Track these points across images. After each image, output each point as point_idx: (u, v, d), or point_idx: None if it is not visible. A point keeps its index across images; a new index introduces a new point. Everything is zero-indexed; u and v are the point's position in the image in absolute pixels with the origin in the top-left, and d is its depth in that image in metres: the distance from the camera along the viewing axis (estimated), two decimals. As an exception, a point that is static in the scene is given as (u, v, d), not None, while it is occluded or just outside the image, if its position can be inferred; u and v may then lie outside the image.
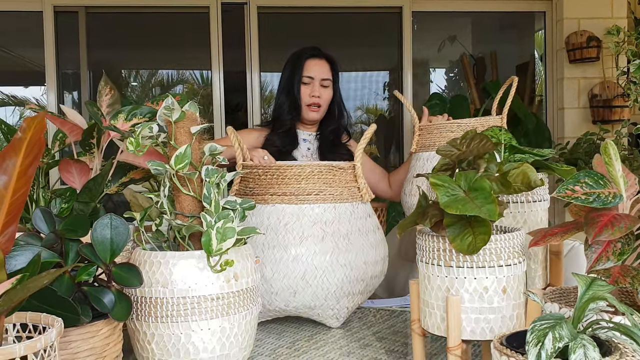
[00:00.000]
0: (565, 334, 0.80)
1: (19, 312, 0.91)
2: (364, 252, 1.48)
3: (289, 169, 1.44)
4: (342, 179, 1.50)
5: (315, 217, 1.44)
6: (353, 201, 1.50)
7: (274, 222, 1.43)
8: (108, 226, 1.02)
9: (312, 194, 1.44)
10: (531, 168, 1.11)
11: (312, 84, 2.06)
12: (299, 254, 1.41)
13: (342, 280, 1.44)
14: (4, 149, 0.90)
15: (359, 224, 1.50)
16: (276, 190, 1.44)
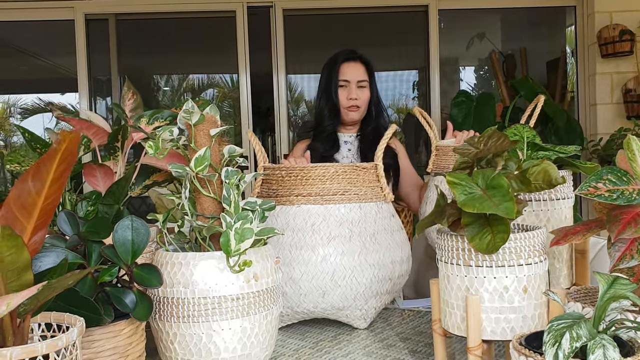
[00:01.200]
0: (583, 334, 0.79)
1: (44, 312, 0.94)
2: (390, 251, 1.47)
3: (313, 170, 1.45)
4: (366, 179, 1.50)
5: (342, 217, 1.44)
6: (377, 201, 1.50)
7: (300, 223, 1.43)
8: (129, 228, 1.04)
9: (338, 194, 1.44)
10: (552, 165, 1.09)
11: (349, 87, 2.11)
12: (327, 254, 1.41)
13: (371, 280, 1.44)
14: (38, 160, 0.93)
15: (385, 223, 1.50)
16: (301, 191, 1.44)
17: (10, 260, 0.80)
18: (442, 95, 4.25)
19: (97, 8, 3.85)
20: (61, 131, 0.94)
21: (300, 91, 5.45)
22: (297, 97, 5.44)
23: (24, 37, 4.88)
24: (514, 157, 1.17)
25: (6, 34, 4.70)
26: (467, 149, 1.08)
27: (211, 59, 5.44)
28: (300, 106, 5.56)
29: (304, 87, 5.49)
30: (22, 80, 6.22)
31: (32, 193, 0.91)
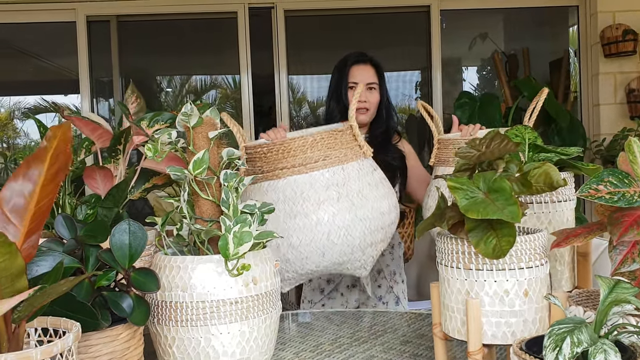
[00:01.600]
0: (584, 339, 0.78)
1: (40, 317, 0.94)
2: (377, 203, 1.51)
3: (293, 142, 1.48)
4: (344, 141, 1.53)
5: (327, 181, 1.48)
6: (358, 159, 1.54)
7: (290, 194, 1.47)
8: (126, 232, 1.04)
9: (320, 160, 1.48)
10: (553, 167, 1.08)
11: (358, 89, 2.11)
12: (320, 218, 1.45)
13: (364, 233, 1.48)
14: (28, 157, 0.92)
15: (368, 178, 1.54)
16: (285, 164, 1.48)
17: (4, 266, 0.79)
18: (445, 95, 4.23)
19: (98, 10, 3.85)
20: (52, 127, 0.92)
21: (302, 92, 5.44)
22: (300, 97, 5.43)
23: (26, 38, 4.89)
24: (515, 159, 1.16)
25: (8, 35, 4.70)
26: (469, 152, 1.07)
27: (213, 60, 5.43)
28: (302, 107, 5.56)
29: (306, 88, 5.48)
30: (25, 82, 6.23)
31: (24, 194, 0.90)
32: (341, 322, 1.66)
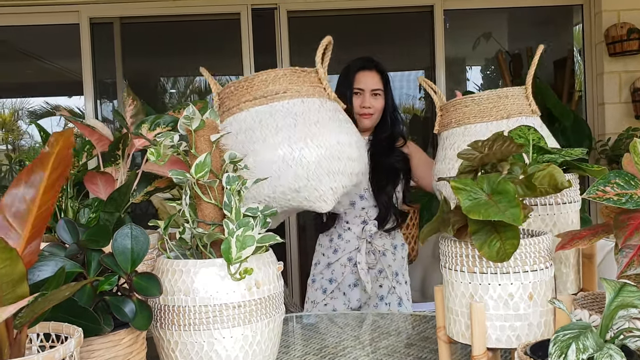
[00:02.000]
0: (590, 344, 0.77)
1: (42, 322, 0.93)
2: (335, 134, 1.52)
3: (256, 77, 1.54)
4: (307, 80, 1.56)
5: (286, 111, 1.51)
6: (320, 97, 1.56)
7: (250, 123, 1.52)
8: (128, 236, 1.03)
9: (280, 92, 1.52)
10: (558, 169, 1.07)
11: (363, 95, 2.13)
12: (276, 141, 1.47)
13: (319, 157, 1.48)
14: (31, 163, 0.92)
15: (329, 114, 1.55)
16: (248, 97, 1.54)
17: (5, 272, 0.79)
18: (449, 95, 4.22)
19: (101, 12, 3.85)
20: (54, 133, 0.92)
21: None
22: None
23: (30, 40, 4.90)
24: (519, 161, 1.15)
25: (12, 37, 4.72)
26: (471, 153, 1.06)
27: (216, 60, 5.43)
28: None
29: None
30: (29, 84, 6.25)
31: (26, 200, 0.90)
32: (345, 324, 1.66)
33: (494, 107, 1.54)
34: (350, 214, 2.13)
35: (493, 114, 1.54)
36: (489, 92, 1.57)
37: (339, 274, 2.13)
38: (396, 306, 2.11)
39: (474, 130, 1.55)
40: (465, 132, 1.56)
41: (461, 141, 1.56)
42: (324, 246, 2.19)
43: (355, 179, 1.58)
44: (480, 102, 1.56)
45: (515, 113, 1.54)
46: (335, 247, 2.15)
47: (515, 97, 1.57)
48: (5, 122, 6.77)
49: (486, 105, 1.55)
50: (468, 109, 1.57)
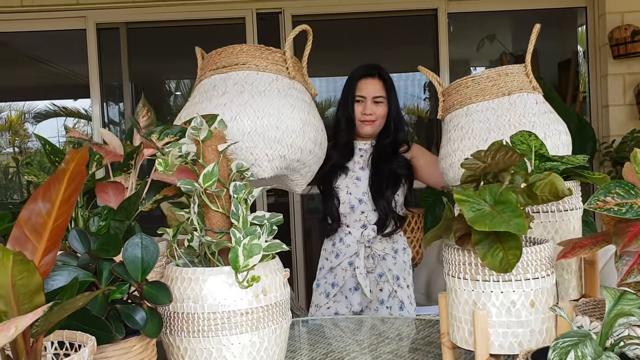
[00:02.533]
0: (588, 352, 0.79)
1: (56, 331, 0.96)
2: (278, 105, 1.59)
3: (225, 49, 1.67)
4: (270, 57, 1.65)
5: (238, 79, 1.61)
6: (278, 74, 1.64)
7: (206, 87, 1.64)
8: (138, 246, 1.06)
9: (240, 63, 1.63)
10: (558, 178, 1.09)
11: (365, 103, 2.15)
12: (219, 102, 1.57)
13: (255, 123, 1.55)
14: (48, 180, 0.95)
15: (280, 87, 1.62)
16: (213, 66, 1.67)
17: (22, 284, 0.81)
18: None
19: (108, 17, 3.89)
20: (70, 151, 0.96)
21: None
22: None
23: (37, 45, 4.95)
24: (521, 170, 1.17)
25: (20, 42, 4.76)
26: (474, 163, 1.08)
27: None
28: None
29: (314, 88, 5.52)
30: (36, 87, 6.30)
31: (42, 214, 0.93)
32: (351, 329, 1.68)
33: (494, 85, 1.55)
34: (350, 218, 2.16)
35: (494, 92, 1.55)
36: (488, 71, 1.58)
37: (340, 278, 2.16)
38: (397, 310, 2.13)
39: (475, 109, 1.56)
40: (467, 112, 1.57)
41: (464, 122, 1.58)
42: (327, 250, 2.22)
43: (298, 154, 1.62)
44: (480, 81, 1.57)
45: (515, 90, 1.55)
46: (337, 252, 2.18)
47: (515, 74, 1.57)
48: (12, 125, 6.83)
49: (486, 84, 1.56)
50: (469, 89, 1.58)
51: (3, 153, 7.00)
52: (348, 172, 2.19)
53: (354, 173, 2.18)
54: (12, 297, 0.84)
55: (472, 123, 1.55)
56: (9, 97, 6.38)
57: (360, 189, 2.16)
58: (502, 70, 1.57)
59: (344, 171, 2.18)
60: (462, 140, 1.56)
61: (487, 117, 1.53)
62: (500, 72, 1.57)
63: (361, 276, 2.08)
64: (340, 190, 2.17)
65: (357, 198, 2.15)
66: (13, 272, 0.82)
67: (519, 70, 1.58)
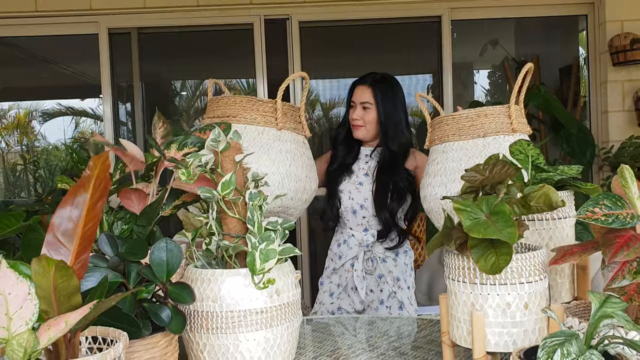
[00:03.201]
0: (573, 350, 0.88)
1: (90, 327, 1.05)
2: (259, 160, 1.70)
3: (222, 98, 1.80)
4: (260, 109, 1.76)
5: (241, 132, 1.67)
6: (265, 125, 1.76)
7: None
8: (164, 249, 1.15)
9: (231, 116, 1.76)
10: (552, 190, 1.18)
11: (355, 107, 2.24)
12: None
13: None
14: (74, 186, 1.04)
15: (263, 142, 1.74)
16: (209, 114, 1.81)
17: (62, 286, 0.90)
18: (457, 98, 4.32)
19: (119, 23, 3.99)
20: (93, 157, 1.04)
21: (315, 95, 5.57)
22: (313, 100, 5.56)
23: (51, 49, 5.06)
24: (518, 182, 1.26)
25: (34, 46, 4.88)
26: (473, 176, 1.17)
27: (230, 68, 5.58)
28: (315, 109, 5.68)
29: (319, 92, 5.61)
30: (45, 88, 6.40)
31: (72, 220, 1.02)
32: (355, 327, 1.77)
33: (471, 125, 1.57)
34: (353, 222, 2.25)
35: (470, 132, 1.57)
36: (468, 111, 1.60)
37: (343, 279, 2.26)
38: (397, 310, 2.22)
39: (451, 147, 1.59)
40: (445, 149, 1.61)
41: (440, 158, 1.62)
42: (333, 251, 2.32)
43: (278, 202, 1.74)
44: (459, 120, 1.60)
45: (491, 132, 1.56)
46: (340, 254, 2.28)
47: (495, 115, 1.58)
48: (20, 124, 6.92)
49: (464, 124, 1.58)
50: (448, 127, 1.62)
51: (11, 151, 7.09)
52: (352, 175, 2.27)
53: (357, 178, 2.27)
54: (54, 298, 0.94)
55: (446, 161, 1.59)
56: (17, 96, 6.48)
57: (362, 194, 2.25)
58: (482, 112, 1.59)
59: (349, 174, 2.27)
60: (436, 176, 1.61)
61: (460, 157, 1.57)
62: (479, 112, 1.58)
63: (358, 279, 2.19)
64: (343, 194, 2.26)
65: (359, 204, 2.24)
66: (55, 277, 0.91)
67: (499, 112, 1.59)
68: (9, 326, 0.81)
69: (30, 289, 0.84)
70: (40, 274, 0.84)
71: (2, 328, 0.80)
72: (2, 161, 6.62)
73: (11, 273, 0.82)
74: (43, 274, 0.84)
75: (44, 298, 0.92)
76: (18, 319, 0.81)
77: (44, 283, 0.88)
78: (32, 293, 0.84)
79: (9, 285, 0.81)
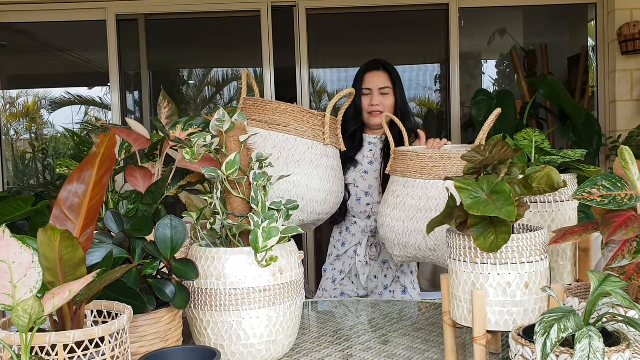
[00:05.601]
0: (570, 326, 0.89)
1: (95, 301, 1.07)
2: (308, 177, 1.69)
3: (270, 104, 1.73)
4: (310, 121, 1.73)
5: (277, 142, 1.69)
6: (314, 140, 1.73)
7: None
8: (168, 226, 1.17)
9: (282, 125, 1.70)
10: (554, 171, 1.18)
11: (372, 94, 2.24)
12: None
13: (284, 192, 1.66)
14: (82, 163, 1.06)
15: (313, 157, 1.72)
16: (256, 117, 1.73)
17: (68, 257, 0.92)
18: (464, 89, 4.31)
19: (127, 9, 4.00)
20: (100, 135, 1.06)
21: (322, 84, 5.57)
22: (320, 89, 5.56)
23: (58, 35, 5.08)
24: (520, 163, 1.26)
25: (42, 33, 4.90)
26: (473, 156, 1.18)
27: (236, 55, 5.57)
28: (322, 98, 5.68)
29: (327, 80, 5.61)
30: (53, 75, 6.43)
31: (78, 195, 1.04)
32: (358, 310, 1.79)
33: (434, 166, 1.58)
34: (356, 209, 2.26)
35: (432, 173, 1.58)
36: (432, 152, 1.60)
37: (347, 265, 2.27)
38: (400, 294, 2.23)
39: (412, 184, 1.61)
40: (406, 183, 1.63)
41: (400, 191, 1.64)
42: (335, 238, 2.34)
43: (316, 217, 1.76)
44: (423, 159, 1.60)
45: (453, 174, 1.55)
46: (343, 240, 2.29)
47: (458, 159, 1.57)
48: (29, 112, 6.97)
49: (427, 163, 1.59)
50: (412, 163, 1.62)
51: (20, 139, 7.14)
52: (357, 165, 2.28)
53: (362, 167, 2.28)
54: (59, 269, 0.95)
55: (406, 197, 1.62)
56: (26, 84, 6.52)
57: (367, 182, 2.25)
58: (446, 154, 1.58)
59: (354, 164, 2.28)
60: (395, 209, 1.64)
61: (420, 196, 1.59)
62: (443, 155, 1.58)
63: (360, 264, 2.20)
64: (349, 184, 2.27)
65: (364, 191, 2.25)
66: (60, 248, 0.93)
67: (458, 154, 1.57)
68: (13, 294, 0.82)
69: (33, 257, 0.85)
70: (45, 244, 0.86)
71: (7, 295, 0.82)
72: (12, 149, 6.67)
73: (15, 242, 0.84)
74: (48, 244, 0.86)
75: (50, 270, 0.94)
76: (22, 287, 0.83)
77: (49, 254, 0.90)
78: (35, 261, 0.86)
79: (12, 254, 0.83)
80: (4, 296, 0.84)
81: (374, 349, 1.42)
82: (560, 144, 4.29)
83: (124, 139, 1.39)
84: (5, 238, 0.83)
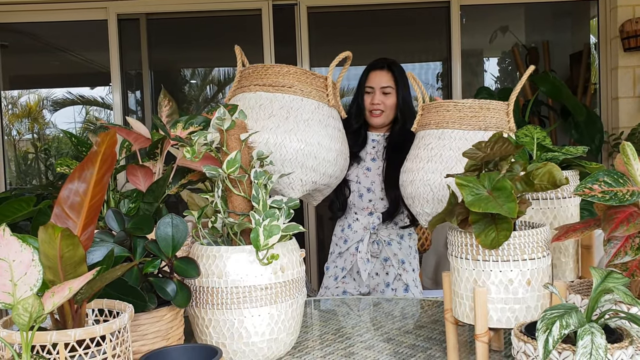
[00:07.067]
0: (572, 322, 0.89)
1: (96, 299, 1.07)
2: (319, 135, 1.68)
3: (272, 67, 1.72)
4: (314, 82, 1.73)
5: (285, 103, 1.67)
6: (320, 101, 1.72)
7: (252, 103, 1.69)
8: (169, 225, 1.17)
9: (286, 86, 1.69)
10: (556, 167, 1.18)
11: (374, 93, 2.24)
12: (265, 125, 1.64)
13: (297, 151, 1.64)
14: (82, 162, 1.06)
15: (320, 117, 1.71)
16: (259, 82, 1.72)
17: (69, 255, 0.92)
18: (466, 87, 4.30)
19: (128, 8, 4.00)
20: (100, 134, 1.06)
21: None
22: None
23: (59, 35, 5.08)
24: (521, 160, 1.26)
25: (43, 32, 4.90)
26: (475, 153, 1.17)
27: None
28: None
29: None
30: (55, 75, 6.43)
31: (79, 193, 1.04)
32: (360, 308, 1.78)
33: (474, 116, 1.56)
34: (358, 206, 2.26)
35: (472, 123, 1.55)
36: (472, 101, 1.58)
37: (349, 263, 2.27)
38: (402, 292, 2.23)
39: (449, 135, 1.57)
40: (442, 135, 1.58)
41: (436, 144, 1.59)
42: (337, 236, 2.33)
43: (327, 179, 1.74)
44: (461, 109, 1.57)
45: (492, 126, 1.55)
46: (345, 237, 2.29)
47: (497, 110, 1.57)
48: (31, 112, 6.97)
49: (466, 113, 1.56)
50: (449, 114, 1.58)
51: (22, 139, 7.15)
52: (360, 161, 2.28)
53: (365, 163, 2.28)
54: (60, 267, 0.95)
55: (443, 148, 1.56)
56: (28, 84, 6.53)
57: (369, 178, 2.25)
58: (485, 104, 1.57)
59: (357, 161, 2.28)
60: (429, 162, 1.58)
61: (459, 147, 1.53)
62: (482, 105, 1.56)
63: (361, 261, 2.19)
64: (351, 181, 2.27)
65: (366, 187, 2.25)
66: (61, 246, 0.93)
67: (500, 108, 1.58)
68: (14, 292, 0.82)
69: (34, 256, 0.85)
70: (46, 242, 0.86)
71: (7, 294, 0.82)
72: (14, 149, 6.67)
73: (15, 241, 0.84)
74: (49, 242, 0.86)
75: (51, 268, 0.94)
76: (22, 285, 0.83)
77: (50, 252, 0.90)
78: (35, 260, 0.86)
79: (12, 252, 0.83)
80: (4, 294, 0.84)
81: (375, 347, 1.41)
82: (562, 141, 4.28)
83: (124, 137, 1.39)
84: (6, 236, 0.83)
